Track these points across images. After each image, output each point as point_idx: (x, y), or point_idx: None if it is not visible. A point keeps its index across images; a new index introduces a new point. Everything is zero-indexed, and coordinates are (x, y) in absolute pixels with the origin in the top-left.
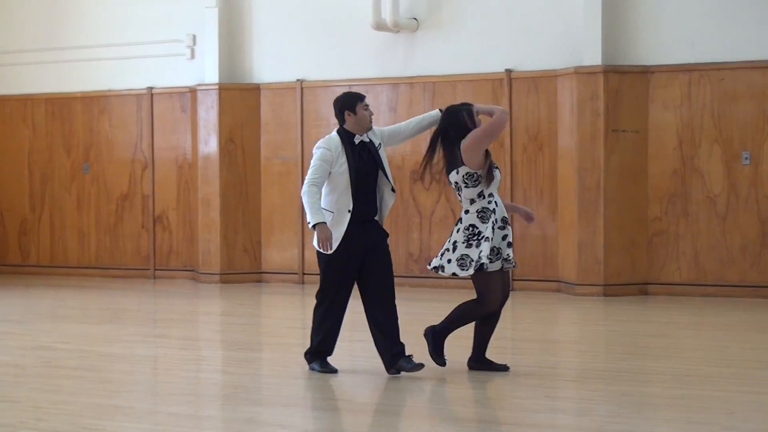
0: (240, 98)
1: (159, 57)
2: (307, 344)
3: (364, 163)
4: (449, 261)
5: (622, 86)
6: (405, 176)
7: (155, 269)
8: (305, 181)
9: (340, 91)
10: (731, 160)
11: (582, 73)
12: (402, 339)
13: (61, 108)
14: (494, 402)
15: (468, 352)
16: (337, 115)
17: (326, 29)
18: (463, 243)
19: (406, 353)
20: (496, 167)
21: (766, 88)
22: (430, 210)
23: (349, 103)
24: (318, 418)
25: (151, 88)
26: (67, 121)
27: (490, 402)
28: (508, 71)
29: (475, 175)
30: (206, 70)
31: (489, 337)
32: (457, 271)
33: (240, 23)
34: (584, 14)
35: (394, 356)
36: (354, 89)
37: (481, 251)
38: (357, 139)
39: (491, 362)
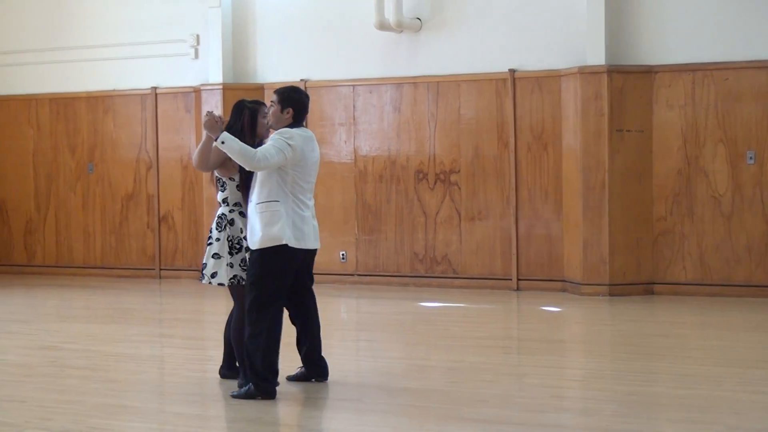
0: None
1: (163, 57)
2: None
3: None
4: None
5: (626, 86)
6: (410, 176)
7: (161, 269)
8: None
9: (344, 91)
10: (736, 159)
11: (586, 72)
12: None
13: (65, 108)
14: (501, 402)
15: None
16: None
17: (330, 29)
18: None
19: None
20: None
21: None
22: (435, 209)
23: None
24: (317, 418)
25: (155, 88)
26: (72, 121)
27: (497, 402)
28: (512, 71)
29: (221, 180)
30: (210, 70)
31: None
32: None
33: (244, 23)
34: (588, 14)
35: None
36: (358, 89)
37: (204, 258)
38: None
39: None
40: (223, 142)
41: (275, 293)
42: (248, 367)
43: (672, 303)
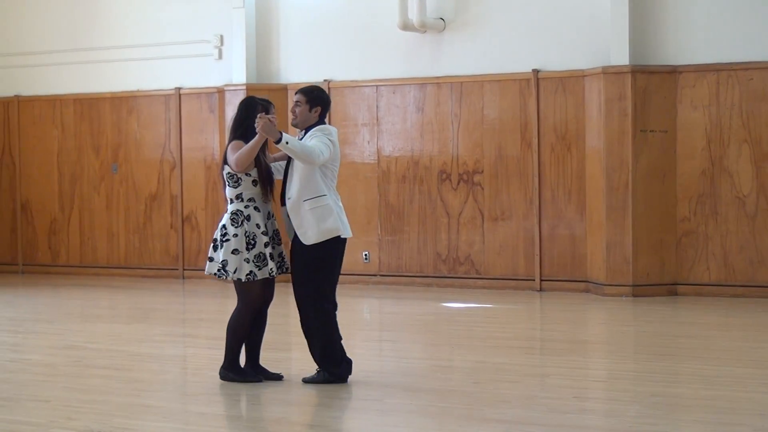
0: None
1: (187, 57)
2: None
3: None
4: (211, 259)
5: (650, 86)
6: (433, 176)
7: (184, 269)
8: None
9: (367, 92)
10: (760, 159)
11: (609, 73)
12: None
13: (89, 108)
14: (523, 403)
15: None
16: None
17: (353, 30)
18: (215, 240)
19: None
20: (270, 178)
21: None
22: (458, 210)
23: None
24: (339, 418)
25: (179, 89)
26: (96, 121)
27: (520, 403)
28: (536, 71)
29: (235, 176)
30: (234, 71)
31: (260, 343)
32: (214, 271)
33: (267, 24)
34: (611, 14)
35: None
36: (381, 89)
37: (221, 255)
38: None
39: (265, 370)
40: (287, 143)
41: (331, 283)
42: (321, 357)
43: (696, 304)
